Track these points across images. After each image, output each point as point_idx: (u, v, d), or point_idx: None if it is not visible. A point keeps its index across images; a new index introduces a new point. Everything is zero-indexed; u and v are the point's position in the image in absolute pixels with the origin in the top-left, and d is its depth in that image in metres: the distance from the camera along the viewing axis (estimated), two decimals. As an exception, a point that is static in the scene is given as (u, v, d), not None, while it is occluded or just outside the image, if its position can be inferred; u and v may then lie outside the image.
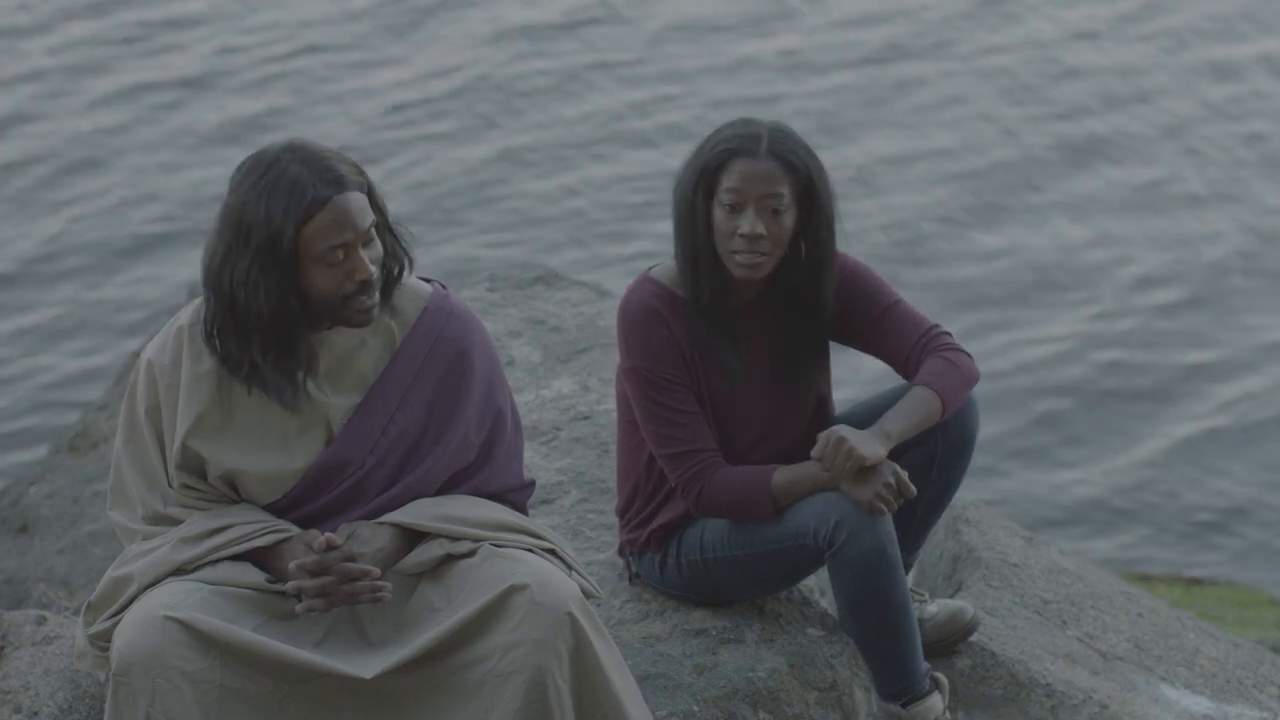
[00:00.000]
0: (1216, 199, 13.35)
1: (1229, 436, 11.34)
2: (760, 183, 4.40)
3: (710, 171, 4.42)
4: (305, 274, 3.99)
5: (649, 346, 4.49)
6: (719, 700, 4.54)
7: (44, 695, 4.34)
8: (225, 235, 3.98)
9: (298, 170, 3.95)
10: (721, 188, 4.41)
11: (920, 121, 14.09)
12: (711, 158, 4.42)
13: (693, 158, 4.48)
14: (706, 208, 4.44)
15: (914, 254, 12.69)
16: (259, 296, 3.96)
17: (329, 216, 3.95)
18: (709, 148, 4.45)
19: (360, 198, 4.00)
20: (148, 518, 4.13)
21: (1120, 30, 15.23)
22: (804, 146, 4.47)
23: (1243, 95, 14.52)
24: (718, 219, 4.43)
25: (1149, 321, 12.19)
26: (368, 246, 4.01)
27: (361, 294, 4.01)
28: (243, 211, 3.95)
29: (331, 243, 3.96)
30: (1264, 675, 5.48)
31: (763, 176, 4.40)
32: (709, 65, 14.78)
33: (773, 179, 4.41)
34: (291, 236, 3.93)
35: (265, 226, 3.93)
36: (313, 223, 3.95)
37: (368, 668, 3.93)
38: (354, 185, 3.99)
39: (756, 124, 4.47)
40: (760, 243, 4.41)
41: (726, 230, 4.42)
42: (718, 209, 4.43)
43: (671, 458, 4.51)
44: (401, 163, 13.67)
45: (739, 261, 4.42)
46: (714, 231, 4.44)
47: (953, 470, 4.65)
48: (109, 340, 11.94)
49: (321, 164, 3.97)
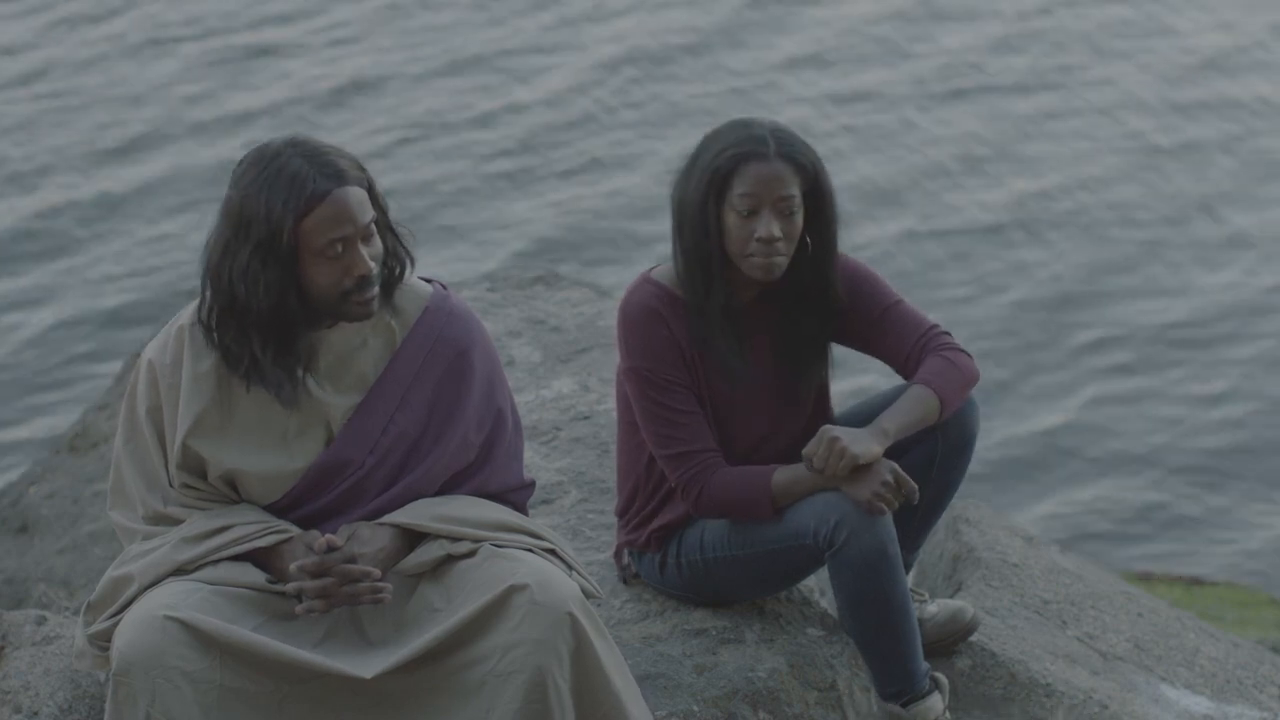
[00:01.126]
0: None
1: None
2: (774, 185, 4.40)
3: (721, 177, 4.41)
4: (305, 268, 3.99)
5: (649, 347, 4.49)
6: (719, 700, 4.54)
7: (44, 695, 4.34)
8: (225, 229, 3.99)
9: (298, 164, 3.96)
10: (734, 193, 4.41)
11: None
12: (722, 163, 4.41)
13: (696, 163, 4.47)
14: (718, 212, 4.44)
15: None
16: (259, 291, 3.96)
17: (328, 210, 3.96)
18: (716, 153, 4.43)
19: (360, 193, 4.00)
20: (148, 518, 4.13)
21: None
22: (806, 144, 4.47)
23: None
24: (731, 224, 4.43)
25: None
26: (367, 242, 4.01)
27: (361, 289, 4.01)
28: (243, 205, 3.96)
29: (330, 236, 3.96)
30: (1264, 675, 5.48)
31: (776, 179, 4.40)
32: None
33: (785, 180, 4.41)
34: (290, 230, 3.94)
35: (265, 220, 3.94)
36: (312, 216, 3.95)
37: (368, 668, 3.93)
38: (354, 180, 3.99)
39: (757, 125, 4.46)
40: (777, 245, 4.42)
41: (742, 235, 4.42)
42: (730, 214, 4.42)
43: (671, 458, 4.51)
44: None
45: (757, 264, 4.43)
46: (726, 236, 4.44)
47: (952, 470, 4.65)
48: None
49: (322, 158, 3.97)
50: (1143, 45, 15.27)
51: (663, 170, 12.86)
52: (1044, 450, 11.43)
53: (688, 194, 4.46)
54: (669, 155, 13.39)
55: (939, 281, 12.65)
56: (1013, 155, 14.03)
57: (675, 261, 4.52)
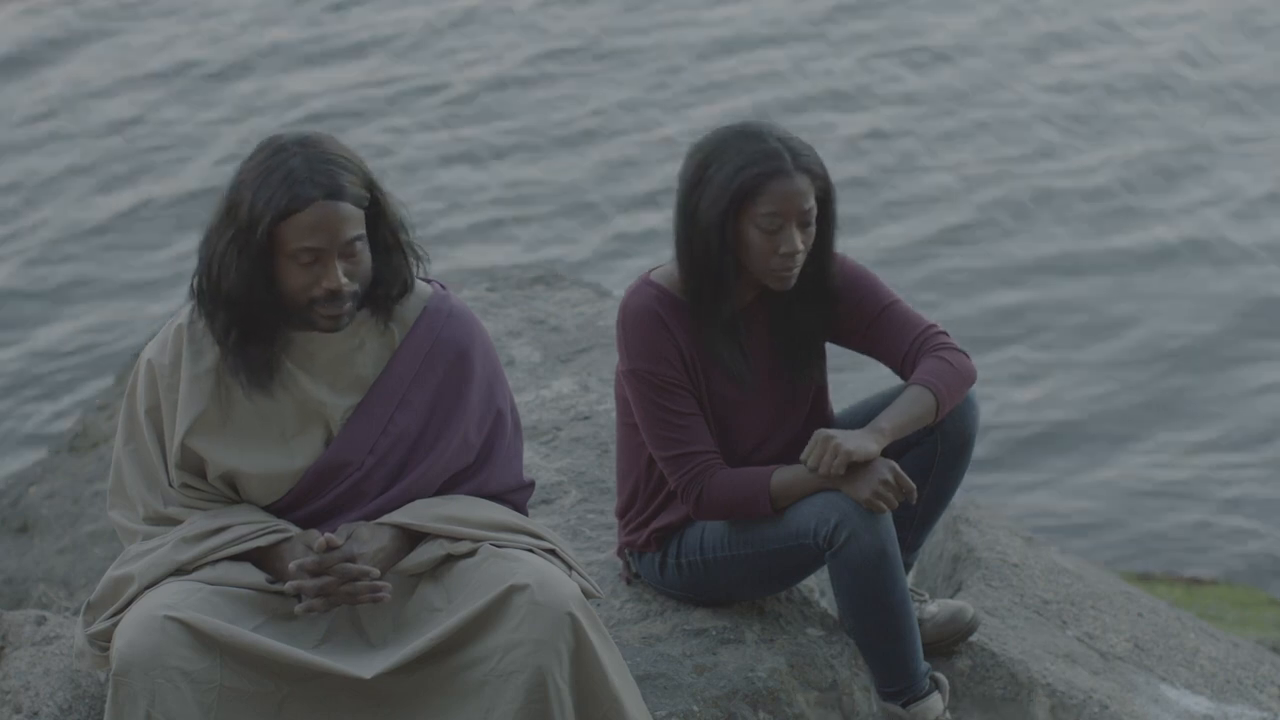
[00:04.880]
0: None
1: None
2: (797, 200, 4.41)
3: (743, 195, 4.40)
4: (278, 267, 3.99)
5: (650, 349, 4.49)
6: (719, 700, 4.54)
7: (44, 695, 4.34)
8: (221, 207, 4.01)
9: (297, 165, 3.95)
10: (759, 211, 4.40)
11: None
12: (745, 181, 4.38)
13: (709, 178, 4.42)
14: (736, 228, 4.43)
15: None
16: (229, 274, 3.98)
17: (307, 219, 3.94)
18: (735, 170, 4.39)
19: (348, 209, 3.97)
20: (148, 518, 4.13)
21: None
22: (812, 149, 4.48)
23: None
24: (753, 239, 4.42)
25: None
26: (347, 258, 3.98)
27: (329, 303, 3.99)
28: (238, 190, 3.98)
29: (304, 244, 3.95)
30: (1264, 675, 5.48)
31: (799, 194, 4.41)
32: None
33: (806, 194, 4.42)
34: (266, 228, 3.94)
35: (248, 211, 3.95)
36: (291, 220, 3.95)
37: (368, 668, 3.93)
38: (350, 196, 3.96)
39: (768, 137, 4.43)
40: (799, 256, 4.43)
41: (765, 250, 4.42)
42: (752, 230, 4.41)
43: (671, 460, 4.51)
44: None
45: (778, 277, 4.45)
46: (745, 250, 4.44)
47: (952, 470, 4.65)
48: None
49: (324, 165, 3.96)
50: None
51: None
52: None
53: (701, 209, 4.43)
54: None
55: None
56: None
57: (681, 269, 4.51)
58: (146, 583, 4.00)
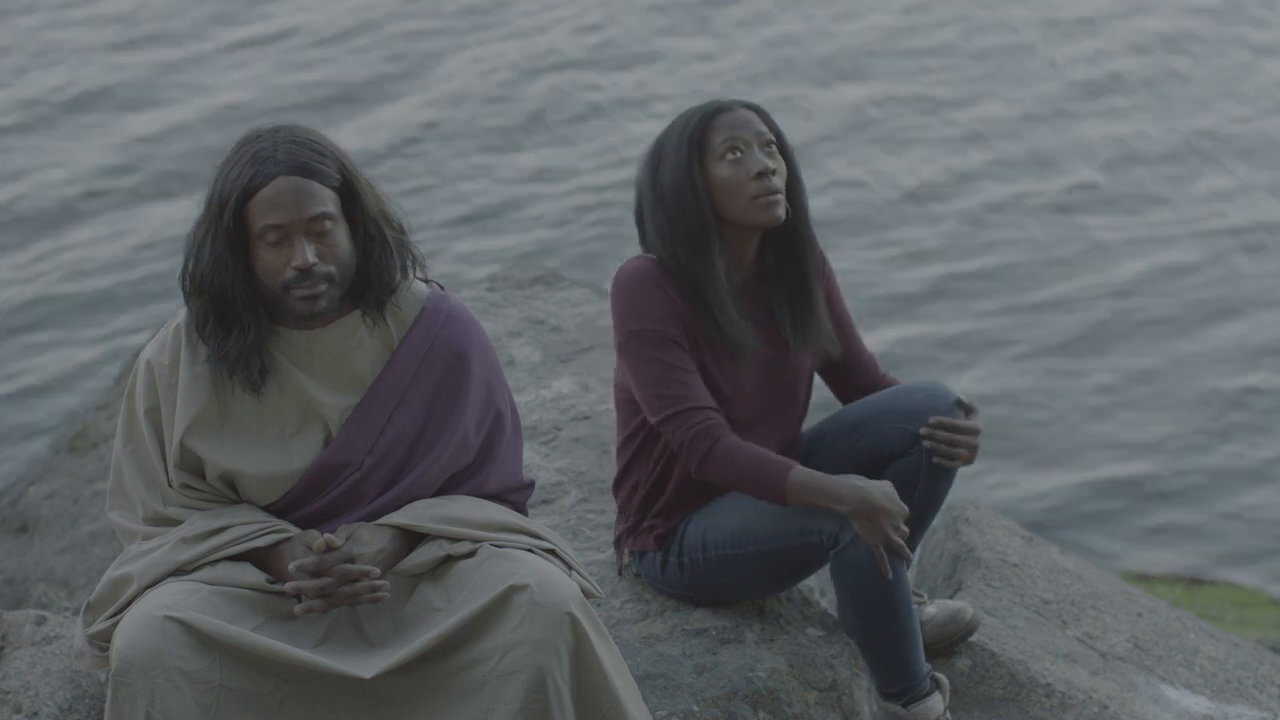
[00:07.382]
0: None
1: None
2: (750, 123, 4.54)
3: (698, 137, 4.51)
4: (252, 256, 4.00)
5: (649, 308, 4.49)
6: (719, 700, 4.54)
7: (44, 695, 4.34)
8: (203, 199, 4.03)
9: (265, 147, 3.98)
10: (717, 142, 4.51)
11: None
12: (694, 125, 4.53)
13: (663, 147, 4.55)
14: (703, 171, 4.49)
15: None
16: (204, 260, 4.00)
17: (269, 193, 3.96)
18: (683, 125, 4.55)
19: (313, 185, 3.98)
20: (148, 518, 4.13)
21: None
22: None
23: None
24: (724, 175, 4.49)
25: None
26: (316, 237, 3.99)
27: (300, 282, 4.00)
28: (216, 175, 4.01)
29: (266, 222, 3.97)
30: (1264, 675, 5.48)
31: (747, 120, 4.54)
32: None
33: (756, 121, 4.55)
34: (234, 208, 3.95)
35: (220, 194, 3.98)
36: (255, 198, 3.97)
37: (368, 668, 3.93)
38: (314, 174, 3.98)
39: (708, 101, 4.59)
40: (774, 178, 4.50)
41: (736, 178, 4.50)
42: (719, 167, 4.49)
43: (673, 417, 4.48)
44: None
45: (760, 204, 4.49)
46: (717, 193, 4.49)
47: (940, 479, 4.63)
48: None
49: (293, 147, 3.99)
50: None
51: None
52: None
53: (666, 172, 4.51)
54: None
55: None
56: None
57: (663, 246, 4.53)
58: (146, 583, 4.00)
